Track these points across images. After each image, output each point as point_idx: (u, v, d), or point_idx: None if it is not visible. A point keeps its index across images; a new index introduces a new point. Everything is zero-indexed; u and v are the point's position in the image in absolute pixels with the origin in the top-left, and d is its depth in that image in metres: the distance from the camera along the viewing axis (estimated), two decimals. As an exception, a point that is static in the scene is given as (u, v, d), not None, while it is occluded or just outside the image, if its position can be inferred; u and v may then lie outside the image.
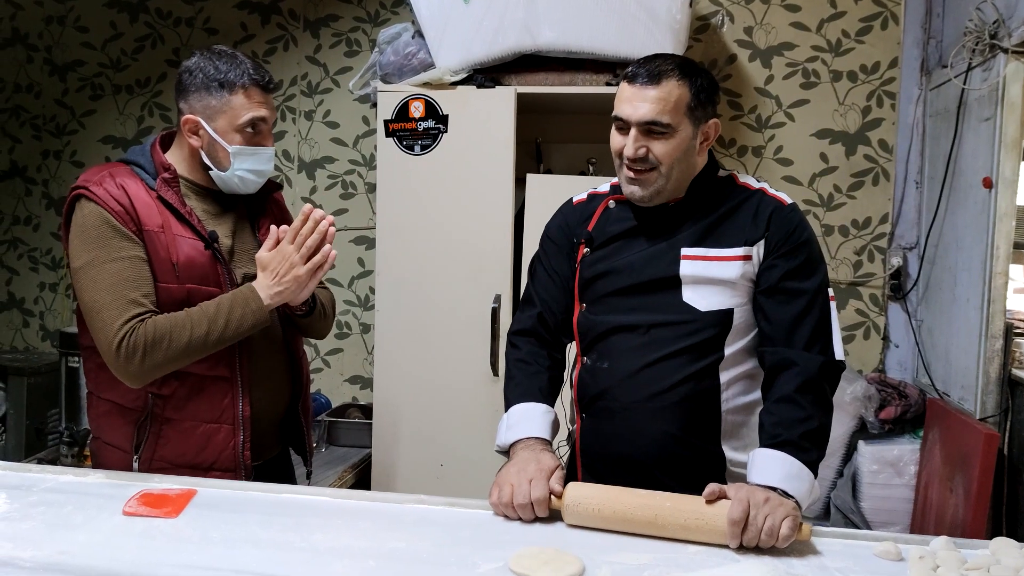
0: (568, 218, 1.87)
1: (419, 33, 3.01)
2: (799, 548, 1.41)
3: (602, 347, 1.74)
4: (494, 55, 2.90)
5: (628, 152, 1.65)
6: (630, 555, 1.38)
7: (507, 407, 1.78)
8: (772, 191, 1.73)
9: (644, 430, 1.67)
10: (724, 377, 1.68)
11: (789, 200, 1.72)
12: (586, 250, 1.78)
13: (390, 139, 3.00)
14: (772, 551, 1.39)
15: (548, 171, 3.34)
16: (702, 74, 1.67)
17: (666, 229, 1.71)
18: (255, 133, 1.84)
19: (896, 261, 3.31)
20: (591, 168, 3.27)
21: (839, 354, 1.64)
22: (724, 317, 1.66)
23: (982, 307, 2.65)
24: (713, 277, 1.66)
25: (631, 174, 1.67)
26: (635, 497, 1.47)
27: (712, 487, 1.44)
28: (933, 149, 3.20)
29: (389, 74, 3.04)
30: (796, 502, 1.46)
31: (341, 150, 3.75)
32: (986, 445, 2.47)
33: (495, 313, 2.91)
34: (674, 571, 1.32)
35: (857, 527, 2.89)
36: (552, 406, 1.77)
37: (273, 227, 1.83)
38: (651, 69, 1.64)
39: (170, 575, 1.27)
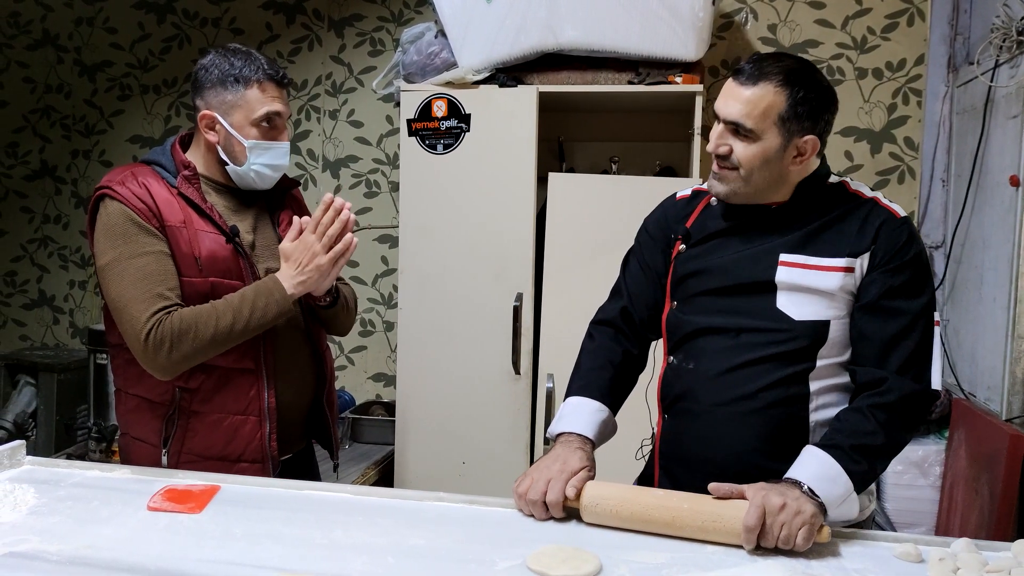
0: (668, 213, 1.82)
1: (442, 33, 3.02)
2: (818, 549, 1.40)
3: (689, 347, 1.68)
4: (516, 54, 2.90)
5: (709, 146, 1.61)
6: (648, 554, 1.38)
7: (566, 396, 1.76)
8: (885, 201, 1.63)
9: (726, 435, 1.61)
10: (814, 386, 1.60)
11: (902, 212, 1.61)
12: (682, 246, 1.73)
13: (413, 138, 3.01)
14: (791, 552, 1.38)
15: (571, 170, 3.34)
16: (806, 84, 1.56)
17: (766, 231, 1.64)
18: (271, 127, 1.87)
19: (922, 260, 3.27)
20: (613, 167, 3.27)
21: (936, 383, 1.55)
22: (819, 328, 1.58)
23: (1009, 307, 2.62)
24: (810, 286, 1.58)
25: (715, 167, 1.62)
26: (653, 498, 1.47)
27: (723, 485, 1.43)
28: (960, 147, 3.17)
29: (412, 73, 3.05)
30: (822, 504, 1.41)
31: (365, 149, 3.77)
32: (1012, 446, 2.44)
33: (517, 311, 2.92)
34: (692, 570, 1.32)
35: (881, 528, 2.87)
36: (610, 405, 1.73)
37: (296, 218, 1.86)
38: (755, 68, 1.56)
39: (193, 570, 1.29)
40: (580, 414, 1.69)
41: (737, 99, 1.56)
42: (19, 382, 3.81)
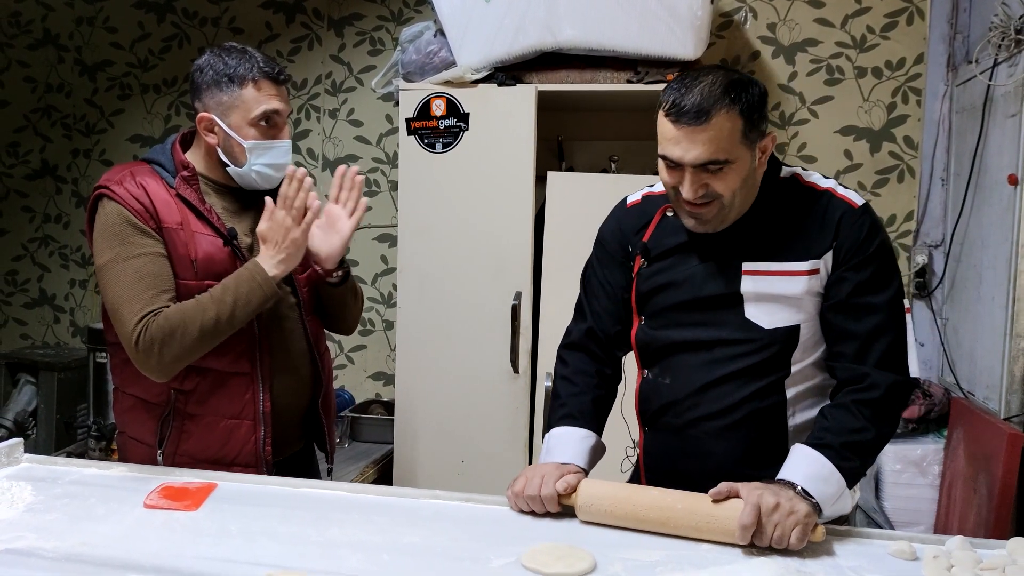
0: (622, 223, 1.77)
1: (441, 32, 3.02)
2: (813, 547, 1.40)
3: (664, 363, 1.66)
4: (515, 53, 2.90)
5: (688, 195, 1.52)
6: (643, 552, 1.38)
7: (548, 428, 1.73)
8: (841, 191, 1.59)
9: (710, 449, 1.61)
10: (790, 392, 1.59)
11: (860, 201, 1.58)
12: (643, 262, 1.69)
13: (412, 137, 3.02)
14: (785, 550, 1.38)
15: (570, 169, 3.34)
16: (747, 89, 1.50)
17: (727, 241, 1.60)
18: (270, 126, 1.84)
19: (921, 259, 3.28)
20: (612, 166, 3.27)
21: (914, 371, 1.53)
22: (790, 334, 1.57)
23: (1007, 306, 2.62)
24: (777, 293, 1.56)
25: (688, 207, 1.55)
26: (647, 498, 1.47)
27: (720, 487, 1.43)
28: (959, 146, 3.17)
29: (411, 73, 3.05)
30: (816, 504, 1.41)
31: (365, 148, 3.78)
32: (1010, 445, 2.45)
33: (515, 310, 2.92)
34: (686, 568, 1.33)
35: (880, 527, 2.88)
36: (595, 428, 1.71)
37: (268, 199, 1.81)
38: (695, 106, 1.46)
39: (189, 567, 1.29)
40: (567, 445, 1.66)
41: (696, 142, 1.48)
42: (19, 381, 3.82)
